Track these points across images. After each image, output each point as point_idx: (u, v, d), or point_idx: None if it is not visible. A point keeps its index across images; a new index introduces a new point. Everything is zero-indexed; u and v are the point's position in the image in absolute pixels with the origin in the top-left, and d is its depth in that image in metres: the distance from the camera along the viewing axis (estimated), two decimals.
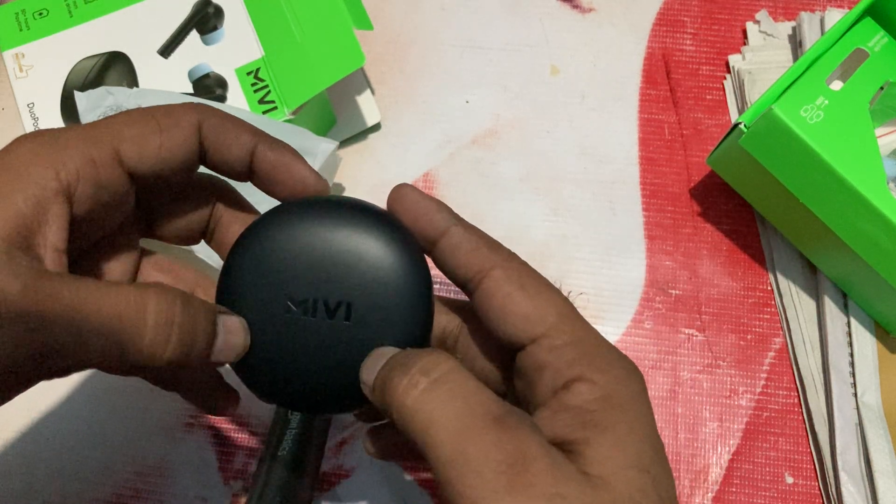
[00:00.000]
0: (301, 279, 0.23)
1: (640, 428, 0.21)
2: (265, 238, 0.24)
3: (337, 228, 0.24)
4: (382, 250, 0.23)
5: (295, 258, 0.24)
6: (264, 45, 0.39)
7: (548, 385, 0.21)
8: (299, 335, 0.24)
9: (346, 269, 0.23)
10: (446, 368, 0.20)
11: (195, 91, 0.39)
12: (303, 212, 0.24)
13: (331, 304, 0.23)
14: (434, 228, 0.24)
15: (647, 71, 0.44)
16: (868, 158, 0.34)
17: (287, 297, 0.24)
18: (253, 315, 0.24)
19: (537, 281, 0.23)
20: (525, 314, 0.22)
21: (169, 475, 0.37)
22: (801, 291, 0.39)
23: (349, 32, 0.37)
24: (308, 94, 0.37)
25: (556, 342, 0.22)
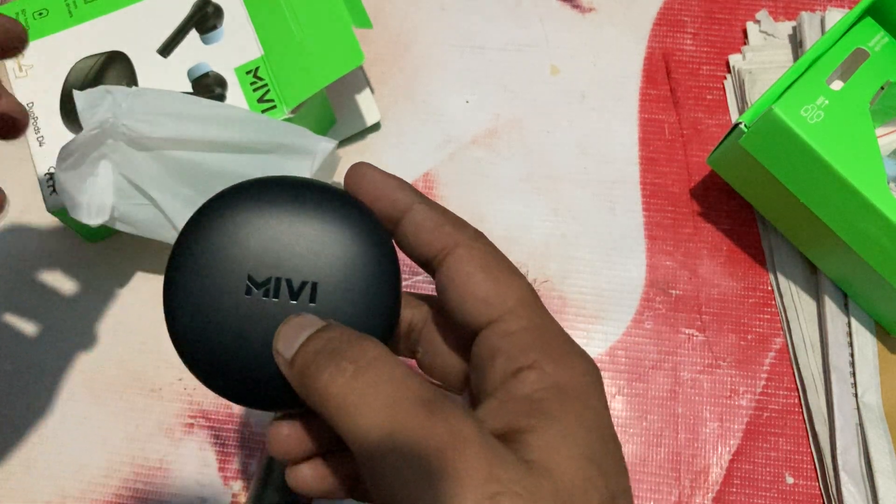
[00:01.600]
0: (263, 258, 0.22)
1: (591, 420, 0.20)
2: (224, 215, 0.22)
3: (301, 208, 0.22)
4: (349, 230, 0.22)
5: (256, 237, 0.22)
6: (264, 44, 0.39)
7: (498, 372, 0.21)
8: (260, 318, 0.22)
9: (312, 249, 0.22)
10: (374, 354, 0.20)
11: (194, 90, 0.39)
12: (264, 190, 0.22)
13: (294, 283, 0.22)
14: (396, 207, 0.22)
15: (648, 71, 0.44)
16: (868, 158, 0.34)
17: (248, 276, 0.22)
18: (209, 296, 0.22)
19: (501, 263, 0.22)
20: (484, 296, 0.21)
21: (169, 475, 0.37)
22: (801, 291, 0.39)
23: (348, 31, 0.37)
24: (307, 92, 0.37)
25: (512, 327, 0.21)
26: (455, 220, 0.23)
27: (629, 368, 0.39)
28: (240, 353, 0.22)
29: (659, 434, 0.38)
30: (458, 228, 0.22)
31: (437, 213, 0.22)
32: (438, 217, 0.22)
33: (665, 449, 0.37)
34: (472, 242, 0.22)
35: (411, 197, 0.23)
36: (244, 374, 0.22)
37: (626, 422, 0.38)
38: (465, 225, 0.23)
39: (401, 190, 0.23)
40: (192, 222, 0.22)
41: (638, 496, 0.37)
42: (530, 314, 0.21)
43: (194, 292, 0.22)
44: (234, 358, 0.22)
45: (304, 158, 0.36)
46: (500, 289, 0.21)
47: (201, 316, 0.22)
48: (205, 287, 0.22)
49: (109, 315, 0.40)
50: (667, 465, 0.37)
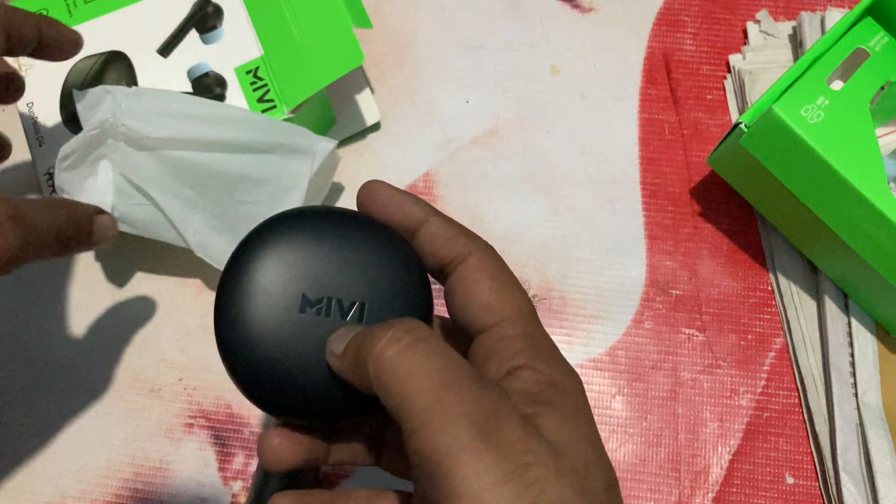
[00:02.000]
0: (315, 279, 0.23)
1: (583, 416, 0.21)
2: (277, 237, 0.24)
3: (342, 234, 0.24)
4: (390, 256, 0.24)
5: (308, 259, 0.24)
6: (263, 44, 0.39)
7: (492, 372, 0.22)
8: (314, 335, 0.23)
9: (359, 272, 0.24)
10: (427, 333, 0.21)
11: (194, 90, 0.39)
12: (310, 218, 0.24)
13: (345, 303, 0.23)
14: (413, 220, 0.24)
15: (648, 71, 0.44)
16: (868, 158, 0.34)
17: (302, 295, 0.23)
18: (264, 314, 0.23)
19: (507, 275, 0.24)
20: (487, 303, 0.23)
21: (169, 475, 0.37)
22: (801, 291, 0.39)
23: (348, 31, 0.37)
24: (307, 92, 0.37)
25: (508, 333, 0.23)
26: (468, 232, 0.25)
27: (629, 368, 0.39)
28: (293, 368, 0.23)
29: (659, 434, 0.38)
30: (471, 239, 0.24)
31: (451, 225, 0.25)
32: (454, 229, 0.24)
33: (665, 449, 0.37)
34: (483, 252, 0.24)
35: (426, 210, 0.25)
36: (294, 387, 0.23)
37: (626, 422, 0.38)
38: (476, 237, 0.25)
39: (415, 204, 0.25)
40: (240, 249, 0.24)
41: (638, 496, 0.37)
42: (526, 324, 0.23)
43: (248, 311, 0.23)
44: (286, 373, 0.23)
45: (304, 158, 0.36)
46: (502, 297, 0.23)
47: (254, 333, 0.23)
48: (259, 303, 0.23)
49: (109, 315, 0.40)
50: (667, 465, 0.37)
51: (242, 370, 0.23)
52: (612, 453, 0.37)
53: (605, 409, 0.38)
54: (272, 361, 0.23)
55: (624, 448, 0.37)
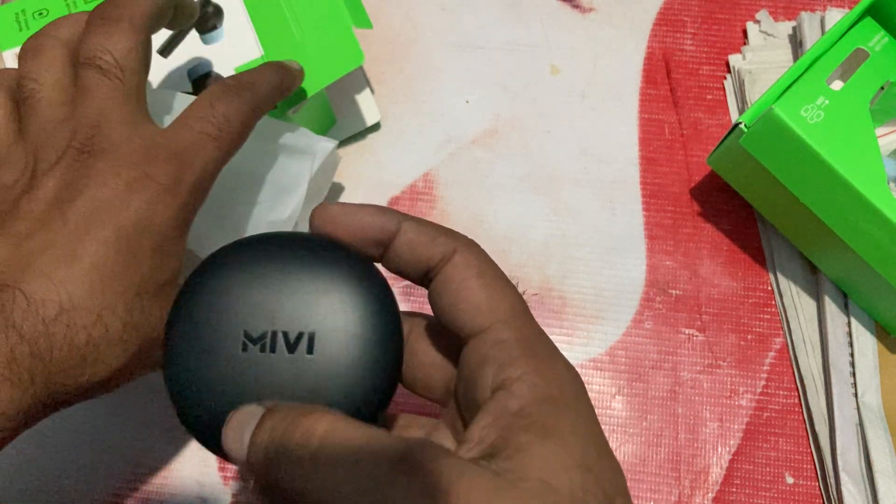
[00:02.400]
0: (257, 313, 0.21)
1: (583, 427, 0.20)
2: (214, 276, 0.22)
3: (292, 261, 0.22)
4: (342, 277, 0.22)
5: (249, 293, 0.22)
6: (264, 44, 0.39)
7: (489, 380, 0.21)
8: (257, 375, 0.21)
9: (306, 300, 0.22)
10: (322, 431, 0.19)
11: (195, 90, 0.39)
12: (253, 248, 0.23)
13: (291, 335, 0.21)
14: (385, 231, 0.23)
15: (648, 71, 0.44)
16: (868, 158, 0.34)
17: (243, 332, 0.21)
18: (206, 355, 0.22)
19: (495, 272, 0.23)
20: (477, 304, 0.22)
21: (169, 475, 0.37)
22: (801, 291, 0.39)
23: (348, 31, 0.37)
24: (307, 92, 0.37)
25: (503, 336, 0.21)
26: (447, 230, 0.23)
27: (629, 368, 0.39)
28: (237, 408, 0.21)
29: (659, 434, 0.38)
30: (453, 238, 0.23)
31: (428, 227, 0.23)
32: (431, 230, 0.23)
33: (665, 449, 0.37)
34: (468, 249, 0.23)
35: (396, 217, 0.23)
36: None
37: (626, 422, 0.38)
38: (457, 234, 0.23)
39: (382, 214, 0.23)
40: (186, 284, 0.23)
41: (638, 496, 0.37)
42: (520, 325, 0.22)
43: (191, 353, 0.22)
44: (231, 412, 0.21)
45: (305, 158, 0.36)
46: (493, 296, 0.22)
47: (199, 376, 0.22)
48: (202, 347, 0.22)
49: None
50: (667, 465, 0.37)
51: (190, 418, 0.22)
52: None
53: (605, 409, 0.38)
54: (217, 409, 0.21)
55: (624, 448, 0.37)
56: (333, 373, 0.21)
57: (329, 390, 0.21)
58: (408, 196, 0.42)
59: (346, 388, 0.22)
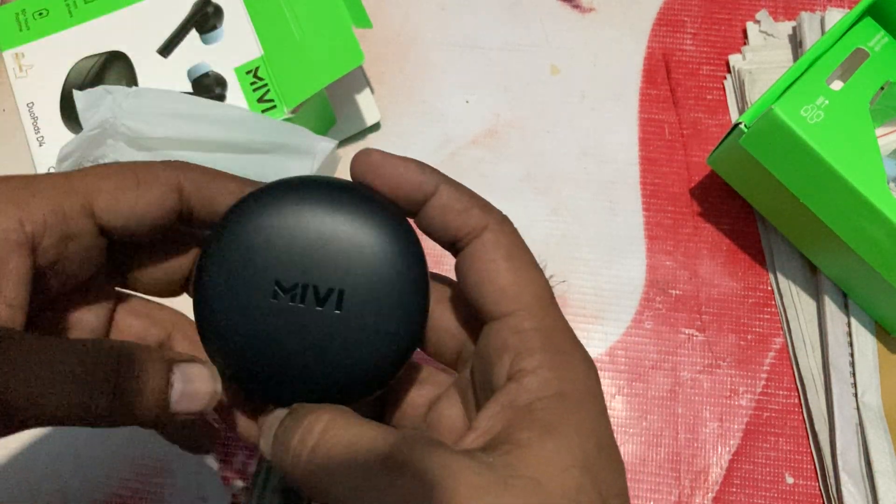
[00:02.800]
0: (290, 263, 0.22)
1: (589, 425, 0.20)
2: (250, 218, 0.22)
3: (329, 211, 0.22)
4: (379, 235, 0.22)
5: (283, 241, 0.22)
6: (263, 44, 0.39)
7: (504, 369, 0.21)
8: (285, 324, 0.22)
9: (339, 255, 0.22)
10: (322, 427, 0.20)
11: (194, 90, 0.39)
12: (291, 192, 0.22)
13: (321, 290, 0.22)
14: (422, 190, 0.22)
15: (647, 71, 0.44)
16: (868, 158, 0.34)
17: (275, 281, 0.22)
18: (236, 299, 0.22)
19: (524, 255, 0.22)
20: (503, 287, 0.21)
21: (169, 475, 0.37)
22: (801, 291, 0.39)
23: (348, 31, 0.37)
24: (307, 92, 0.37)
25: (525, 325, 0.21)
26: (482, 202, 0.23)
27: (629, 368, 0.39)
28: (266, 356, 0.22)
29: (659, 434, 0.38)
30: (487, 211, 0.22)
31: (464, 195, 0.22)
32: (466, 199, 0.22)
33: (665, 449, 0.37)
34: (499, 227, 0.22)
35: (436, 178, 0.23)
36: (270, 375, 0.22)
37: (626, 422, 0.38)
38: (492, 208, 0.23)
39: (423, 172, 0.23)
40: (220, 225, 0.23)
41: (638, 496, 0.37)
42: (543, 313, 0.21)
43: (223, 295, 0.22)
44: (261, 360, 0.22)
45: (305, 158, 0.36)
46: (519, 280, 0.22)
47: (229, 319, 0.22)
48: (233, 291, 0.22)
49: None
50: (667, 465, 0.37)
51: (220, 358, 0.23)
52: None
53: None
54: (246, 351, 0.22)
55: (624, 448, 0.38)
56: (358, 331, 0.22)
57: (352, 347, 0.22)
58: None
59: (369, 348, 0.22)
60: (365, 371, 0.22)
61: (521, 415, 0.20)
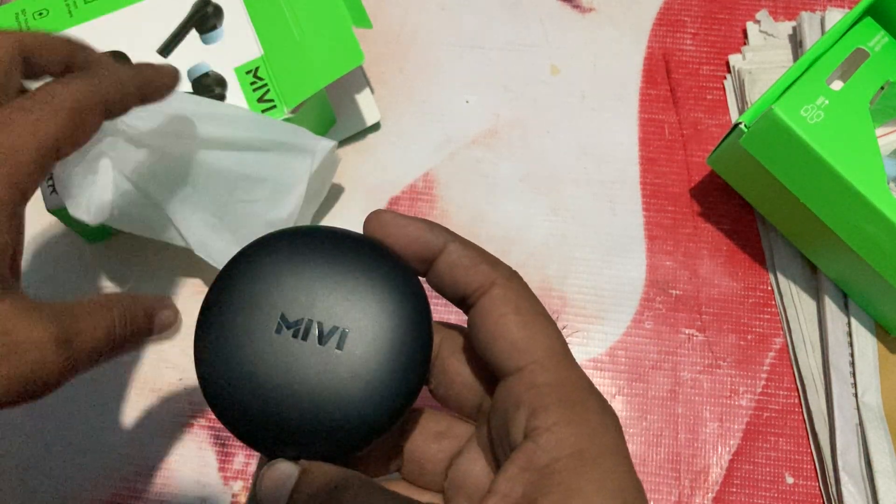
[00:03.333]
0: (297, 300, 0.22)
1: (611, 484, 0.20)
2: (261, 259, 0.23)
3: (338, 257, 0.22)
4: (383, 282, 0.22)
5: (292, 281, 0.22)
6: (263, 44, 0.39)
7: (520, 426, 0.21)
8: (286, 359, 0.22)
9: (344, 297, 0.22)
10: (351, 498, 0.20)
11: (194, 90, 0.39)
12: (301, 238, 0.23)
13: (325, 328, 0.22)
14: (430, 248, 0.23)
15: (648, 71, 0.44)
16: (868, 158, 0.34)
17: (280, 314, 0.22)
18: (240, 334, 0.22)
19: (534, 307, 0.22)
20: (514, 341, 0.21)
21: (169, 475, 0.37)
22: (801, 291, 0.39)
23: (348, 31, 0.37)
24: (307, 92, 0.37)
25: (538, 380, 0.21)
26: (490, 258, 0.23)
27: (629, 368, 0.39)
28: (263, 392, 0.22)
29: (659, 434, 0.38)
30: (495, 267, 0.22)
31: (472, 252, 0.23)
32: (474, 256, 0.23)
33: (665, 449, 0.37)
34: (508, 282, 0.22)
35: (444, 236, 0.23)
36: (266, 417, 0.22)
37: (626, 422, 0.38)
38: (500, 263, 0.23)
39: (431, 231, 0.23)
40: (229, 266, 0.23)
41: None
42: (557, 366, 0.21)
43: (225, 327, 0.22)
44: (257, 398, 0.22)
45: (304, 157, 0.36)
46: (530, 335, 0.22)
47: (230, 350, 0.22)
48: (237, 322, 0.22)
49: None
50: (667, 465, 0.37)
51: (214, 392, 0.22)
52: None
53: None
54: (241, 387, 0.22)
55: None
56: (358, 372, 0.22)
57: (351, 389, 0.22)
58: (408, 196, 0.42)
59: (369, 390, 0.22)
60: (364, 414, 0.22)
61: (541, 477, 0.20)
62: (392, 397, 0.22)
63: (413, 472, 0.25)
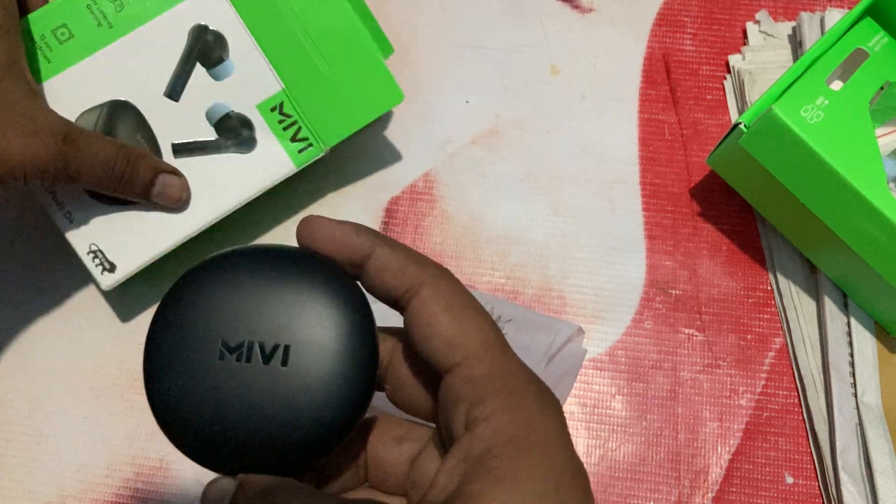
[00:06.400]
0: (236, 323, 0.22)
1: (545, 468, 0.20)
2: (195, 286, 0.22)
3: (274, 273, 0.22)
4: (319, 291, 0.22)
5: (229, 303, 0.22)
6: (282, 76, 0.37)
7: (461, 420, 0.21)
8: (233, 385, 0.22)
9: (284, 313, 0.22)
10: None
11: (218, 133, 0.36)
12: (234, 260, 0.23)
13: (267, 347, 0.22)
14: (358, 252, 0.23)
15: (647, 71, 0.44)
16: (868, 158, 0.34)
17: (221, 341, 0.22)
18: (185, 363, 0.22)
19: (464, 302, 0.22)
20: (447, 337, 0.21)
21: (169, 475, 0.37)
22: (801, 291, 0.39)
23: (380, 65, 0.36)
24: (346, 131, 0.36)
25: (474, 372, 0.21)
26: (418, 258, 0.23)
27: (629, 368, 0.39)
28: (214, 419, 0.22)
29: (659, 434, 0.38)
30: (422, 267, 0.22)
31: (399, 254, 0.23)
32: (401, 258, 0.22)
33: (665, 449, 0.37)
34: (436, 281, 0.22)
35: (371, 240, 0.23)
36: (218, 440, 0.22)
37: (626, 422, 0.38)
38: (428, 263, 0.23)
39: (358, 235, 0.23)
40: (169, 294, 0.23)
41: (637, 496, 0.37)
42: (492, 357, 0.21)
43: (171, 360, 0.22)
44: (208, 424, 0.22)
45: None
46: (462, 329, 0.22)
47: (177, 383, 0.22)
48: (181, 354, 0.22)
49: (109, 315, 0.40)
50: (666, 465, 0.37)
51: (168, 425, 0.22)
52: (612, 453, 0.37)
53: (604, 409, 0.38)
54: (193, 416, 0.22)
55: (623, 448, 0.38)
56: (305, 386, 0.22)
57: (300, 403, 0.22)
58: (408, 196, 0.42)
59: (317, 402, 0.22)
60: (315, 427, 0.22)
61: (474, 466, 0.20)
62: (341, 407, 0.22)
63: (378, 478, 0.25)
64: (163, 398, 0.22)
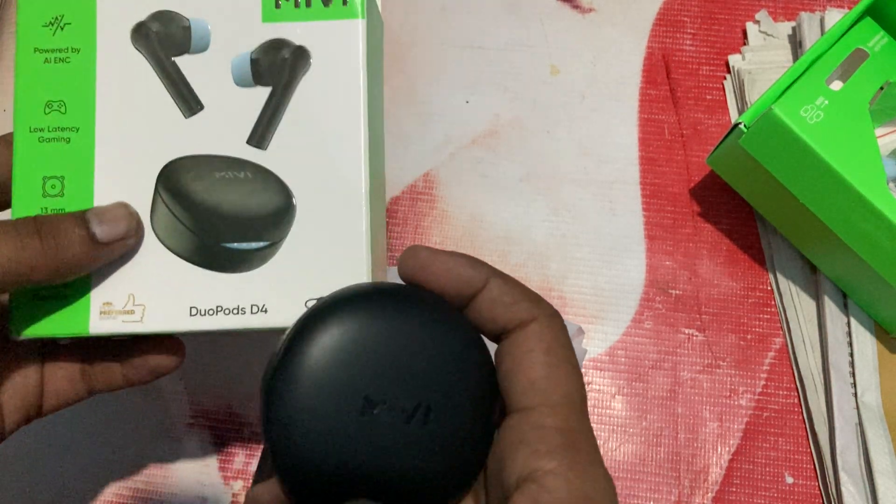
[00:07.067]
0: (379, 376, 0.21)
1: None
2: (332, 327, 0.22)
3: (402, 321, 0.22)
4: (457, 349, 0.22)
5: (369, 353, 0.21)
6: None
7: (517, 465, 0.20)
8: (372, 440, 0.21)
9: (422, 368, 0.22)
10: None
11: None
12: (366, 303, 0.22)
13: (409, 406, 0.21)
14: (471, 284, 0.22)
15: (647, 71, 0.44)
16: (868, 158, 0.34)
17: (364, 395, 0.21)
18: (326, 414, 0.21)
19: (564, 353, 0.22)
20: (533, 379, 0.21)
21: (169, 475, 0.37)
22: (801, 291, 0.39)
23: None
24: None
25: (546, 422, 0.20)
26: (533, 296, 0.22)
27: (629, 368, 0.39)
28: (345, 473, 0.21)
29: (659, 434, 0.38)
30: (536, 304, 0.22)
31: (514, 289, 0.22)
32: (517, 293, 0.22)
33: (665, 449, 0.37)
34: (548, 320, 0.22)
35: (486, 272, 0.22)
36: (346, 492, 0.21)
37: (626, 422, 0.38)
38: (542, 301, 0.22)
39: (472, 267, 0.22)
40: (300, 331, 0.22)
41: (637, 496, 0.37)
42: (568, 415, 0.21)
43: (308, 407, 0.21)
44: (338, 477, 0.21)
45: None
46: (552, 377, 0.21)
47: (314, 431, 0.21)
48: (320, 403, 0.21)
49: None
50: (666, 465, 0.37)
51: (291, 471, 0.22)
52: (612, 453, 0.37)
53: (604, 409, 0.38)
54: (327, 470, 0.21)
55: (623, 448, 0.38)
56: (442, 447, 0.22)
57: (435, 463, 0.22)
58: (408, 196, 0.42)
59: (452, 463, 0.22)
60: (447, 485, 0.22)
61: None
62: (472, 465, 0.22)
63: None
64: (293, 447, 0.21)
